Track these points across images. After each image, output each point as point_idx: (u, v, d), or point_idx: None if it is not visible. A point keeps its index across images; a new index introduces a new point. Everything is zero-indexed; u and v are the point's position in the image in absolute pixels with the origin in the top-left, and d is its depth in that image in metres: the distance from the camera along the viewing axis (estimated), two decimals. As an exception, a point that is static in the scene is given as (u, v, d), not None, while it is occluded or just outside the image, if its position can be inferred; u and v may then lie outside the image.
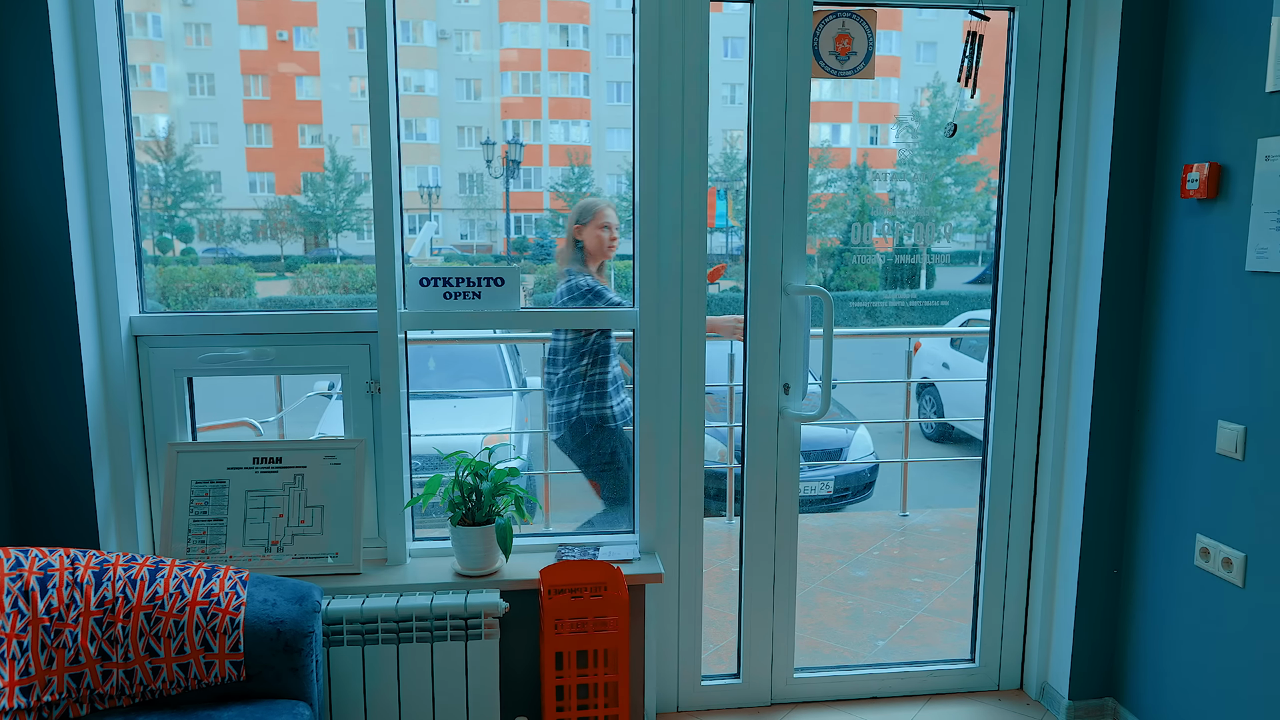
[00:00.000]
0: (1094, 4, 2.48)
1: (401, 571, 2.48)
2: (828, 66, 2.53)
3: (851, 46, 2.53)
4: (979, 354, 6.72)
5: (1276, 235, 2.05)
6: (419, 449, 3.24)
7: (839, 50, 2.52)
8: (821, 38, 2.51)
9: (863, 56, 2.54)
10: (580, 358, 3.01)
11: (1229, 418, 2.21)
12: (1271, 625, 2.09)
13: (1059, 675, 2.71)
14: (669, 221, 2.49)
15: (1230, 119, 2.19)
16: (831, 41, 2.52)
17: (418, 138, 15.20)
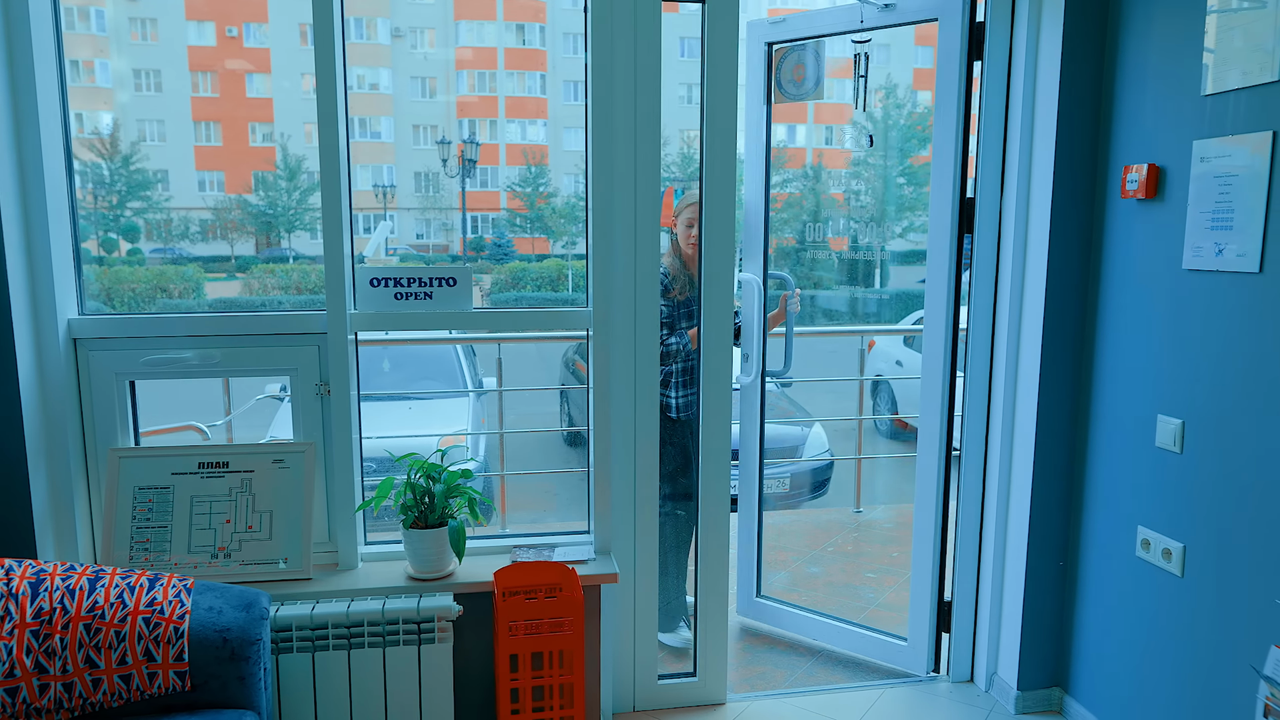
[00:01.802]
0: (1038, 7, 2.53)
1: (353, 576, 2.44)
2: (786, 93, 2.86)
3: (805, 74, 2.88)
4: (932, 352, 6.81)
5: (1211, 235, 2.11)
6: (371, 451, 3.19)
7: (795, 78, 2.84)
8: (783, 70, 2.83)
9: (814, 81, 2.98)
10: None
11: (1168, 412, 2.27)
12: (1208, 613, 2.15)
13: (1008, 666, 2.77)
14: (622, 221, 2.49)
15: (1168, 121, 2.25)
16: (791, 72, 2.88)
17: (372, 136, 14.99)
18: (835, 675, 2.97)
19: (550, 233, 22.22)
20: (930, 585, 2.90)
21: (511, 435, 6.87)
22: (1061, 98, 2.47)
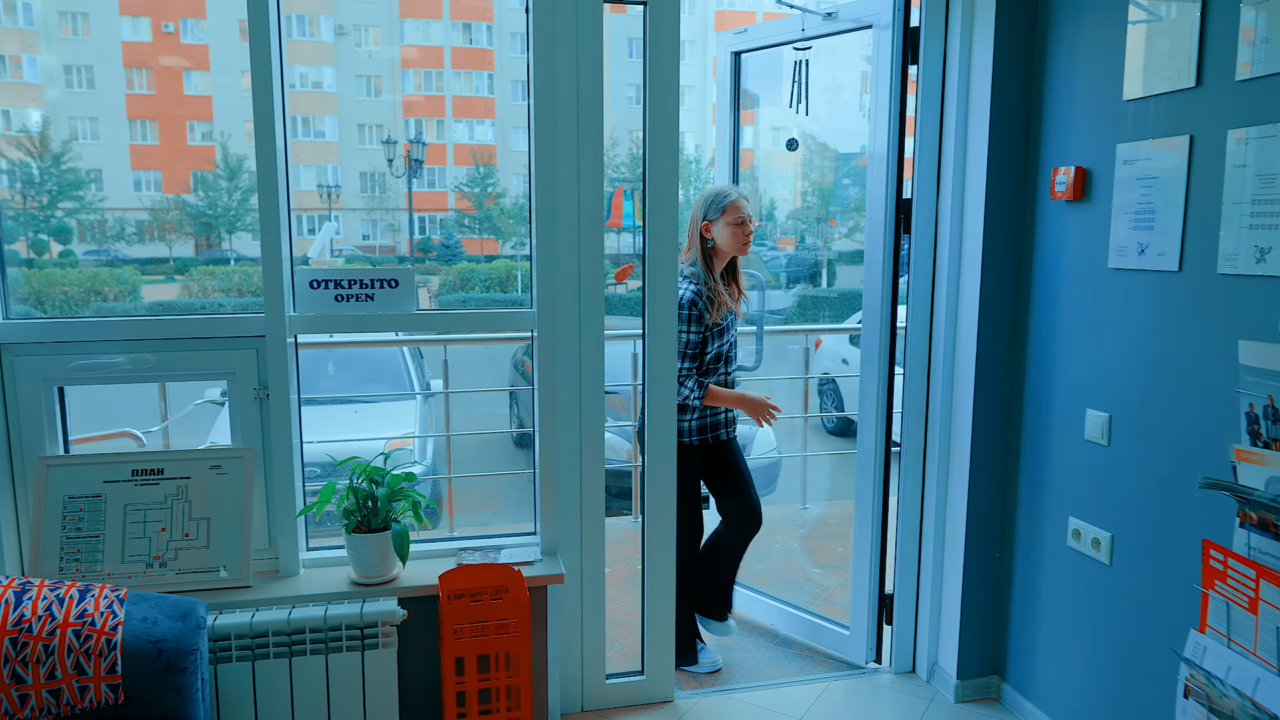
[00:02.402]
0: (970, 14, 2.59)
1: (294, 583, 2.40)
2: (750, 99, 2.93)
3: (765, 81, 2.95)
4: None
5: (1134, 235, 2.19)
6: (315, 456, 3.14)
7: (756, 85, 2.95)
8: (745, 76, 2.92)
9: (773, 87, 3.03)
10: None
11: (1096, 406, 2.35)
12: (1134, 599, 2.23)
13: (947, 656, 2.83)
14: (566, 221, 2.49)
15: (1094, 125, 2.33)
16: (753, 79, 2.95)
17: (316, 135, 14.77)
18: (782, 670, 3.01)
19: (499, 233, 22.06)
20: (871, 578, 2.95)
21: (461, 438, 6.82)
22: (994, 101, 2.54)
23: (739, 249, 2.74)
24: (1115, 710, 2.31)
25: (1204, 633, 1.72)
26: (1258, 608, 1.58)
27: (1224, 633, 1.67)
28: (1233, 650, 1.64)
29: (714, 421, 2.91)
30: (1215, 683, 1.64)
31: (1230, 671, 1.63)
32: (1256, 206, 1.85)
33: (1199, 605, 1.71)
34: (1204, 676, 1.67)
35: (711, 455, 2.94)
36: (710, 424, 2.90)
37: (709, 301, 2.73)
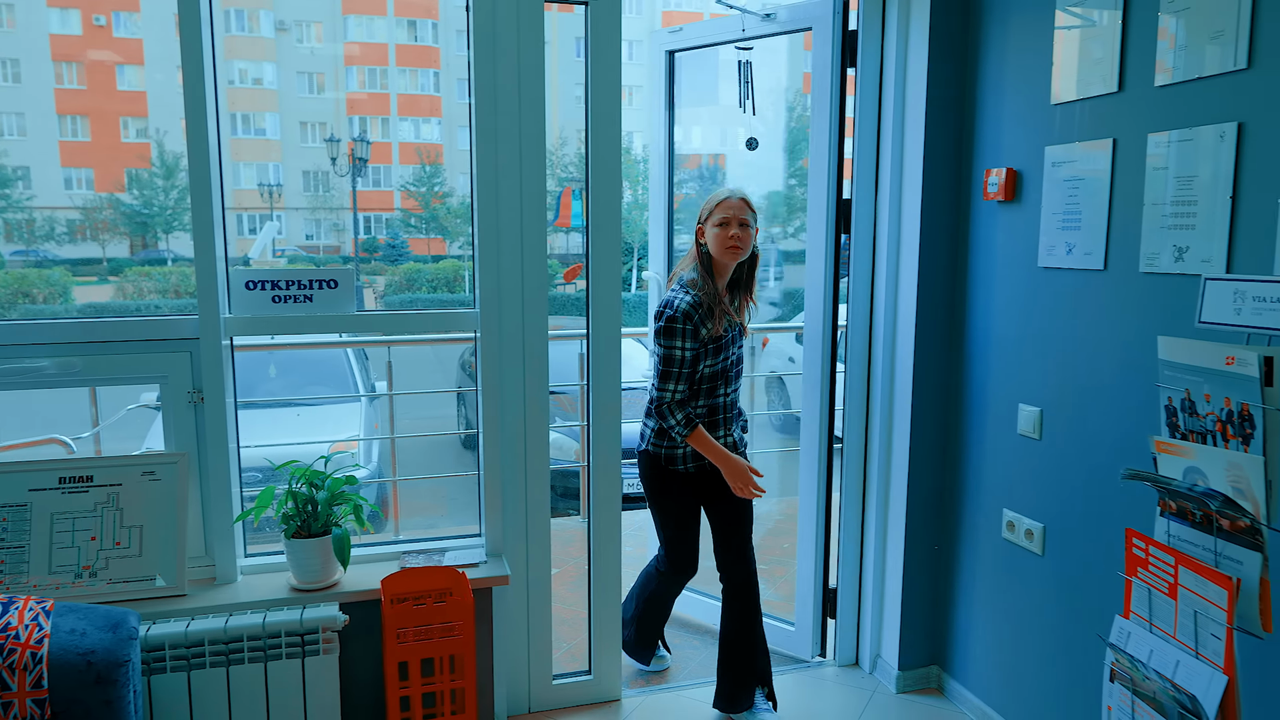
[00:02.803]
0: (905, 19, 2.65)
1: (232, 590, 2.35)
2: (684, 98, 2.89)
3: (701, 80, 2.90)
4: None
5: (1062, 235, 2.26)
6: (255, 461, 3.08)
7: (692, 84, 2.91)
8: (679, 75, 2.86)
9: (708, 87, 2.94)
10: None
11: (1028, 401, 2.41)
12: (1065, 588, 2.30)
13: (889, 648, 2.89)
14: (509, 220, 2.48)
15: (1024, 127, 2.39)
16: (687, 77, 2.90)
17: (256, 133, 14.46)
18: (728, 666, 3.04)
19: (446, 233, 21.80)
20: (815, 573, 3.00)
21: (409, 440, 6.74)
22: (929, 105, 2.60)
23: (721, 253, 2.45)
24: (1049, 696, 2.38)
25: (1128, 618, 1.77)
26: (1177, 593, 1.64)
27: (1146, 618, 1.73)
28: (1154, 635, 1.70)
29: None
30: (1139, 666, 1.70)
31: (1152, 655, 1.68)
32: (1175, 208, 1.93)
33: (1123, 592, 1.78)
34: (1128, 660, 1.73)
35: (712, 482, 2.58)
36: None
37: (707, 312, 2.44)
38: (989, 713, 2.61)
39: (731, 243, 2.43)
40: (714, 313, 2.45)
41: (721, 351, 2.50)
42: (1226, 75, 1.80)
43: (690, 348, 2.42)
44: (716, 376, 2.51)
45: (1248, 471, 1.53)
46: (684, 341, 2.41)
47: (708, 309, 2.45)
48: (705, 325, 2.44)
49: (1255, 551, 1.54)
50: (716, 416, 2.55)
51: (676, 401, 2.45)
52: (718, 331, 2.46)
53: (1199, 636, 1.60)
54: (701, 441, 2.48)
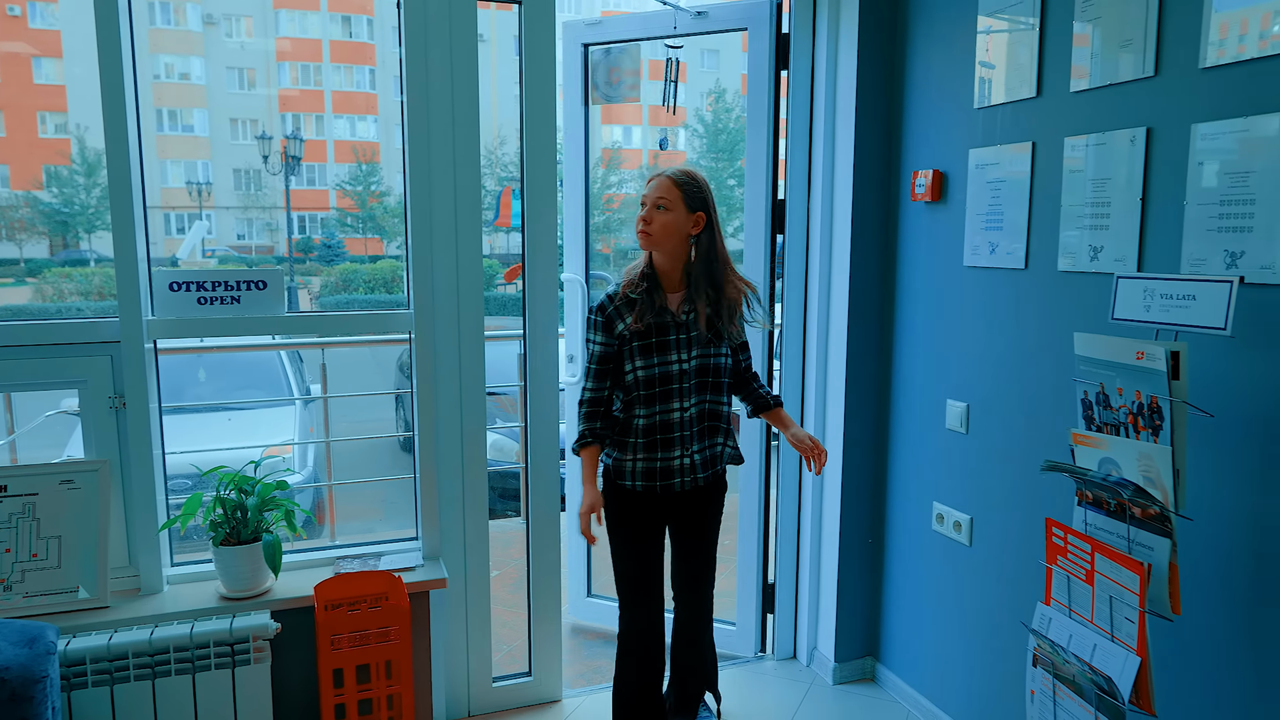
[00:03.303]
0: (835, 23, 2.70)
1: (158, 600, 2.28)
2: (603, 94, 2.80)
3: (622, 76, 2.77)
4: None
5: (986, 235, 2.33)
6: (182, 468, 2.99)
7: (612, 80, 2.78)
8: (597, 71, 2.77)
9: (630, 84, 2.79)
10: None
11: (955, 397, 2.48)
12: (992, 577, 2.38)
13: (826, 641, 2.94)
14: (443, 220, 2.46)
15: (949, 131, 2.46)
16: (606, 74, 2.82)
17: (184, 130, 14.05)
18: (669, 663, 3.06)
19: (384, 233, 21.42)
20: (757, 572, 3.03)
21: (346, 444, 6.61)
22: (859, 107, 2.65)
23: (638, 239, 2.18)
24: (977, 681, 2.46)
25: (1049, 605, 1.84)
26: (1093, 579, 1.71)
27: (1066, 604, 1.79)
28: (1073, 620, 1.77)
29: (667, 466, 2.19)
30: (1059, 650, 1.76)
31: (1071, 639, 1.75)
32: (1091, 209, 2.00)
33: (1045, 580, 1.84)
34: (1049, 645, 1.79)
35: (672, 506, 2.27)
36: (662, 468, 2.20)
37: (624, 304, 2.16)
38: (921, 700, 2.68)
39: (639, 226, 2.15)
40: (634, 305, 2.14)
41: (657, 355, 2.15)
42: (1136, 82, 1.88)
43: (599, 342, 2.17)
44: (655, 383, 2.15)
45: (1157, 461, 1.60)
46: (593, 334, 2.18)
47: (625, 300, 2.16)
48: (621, 319, 2.15)
49: (1164, 538, 1.61)
50: (670, 434, 2.18)
51: (583, 400, 2.21)
52: (636, 326, 2.13)
53: (1114, 620, 1.67)
54: (584, 462, 2.20)
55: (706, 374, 2.20)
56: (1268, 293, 1.63)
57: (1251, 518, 1.69)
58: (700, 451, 2.23)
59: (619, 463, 2.21)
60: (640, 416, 2.17)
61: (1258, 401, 1.66)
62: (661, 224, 2.12)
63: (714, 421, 2.25)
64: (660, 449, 2.18)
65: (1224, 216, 1.70)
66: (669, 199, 2.12)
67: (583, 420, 2.21)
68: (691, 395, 2.18)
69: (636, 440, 2.18)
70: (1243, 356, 1.68)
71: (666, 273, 2.18)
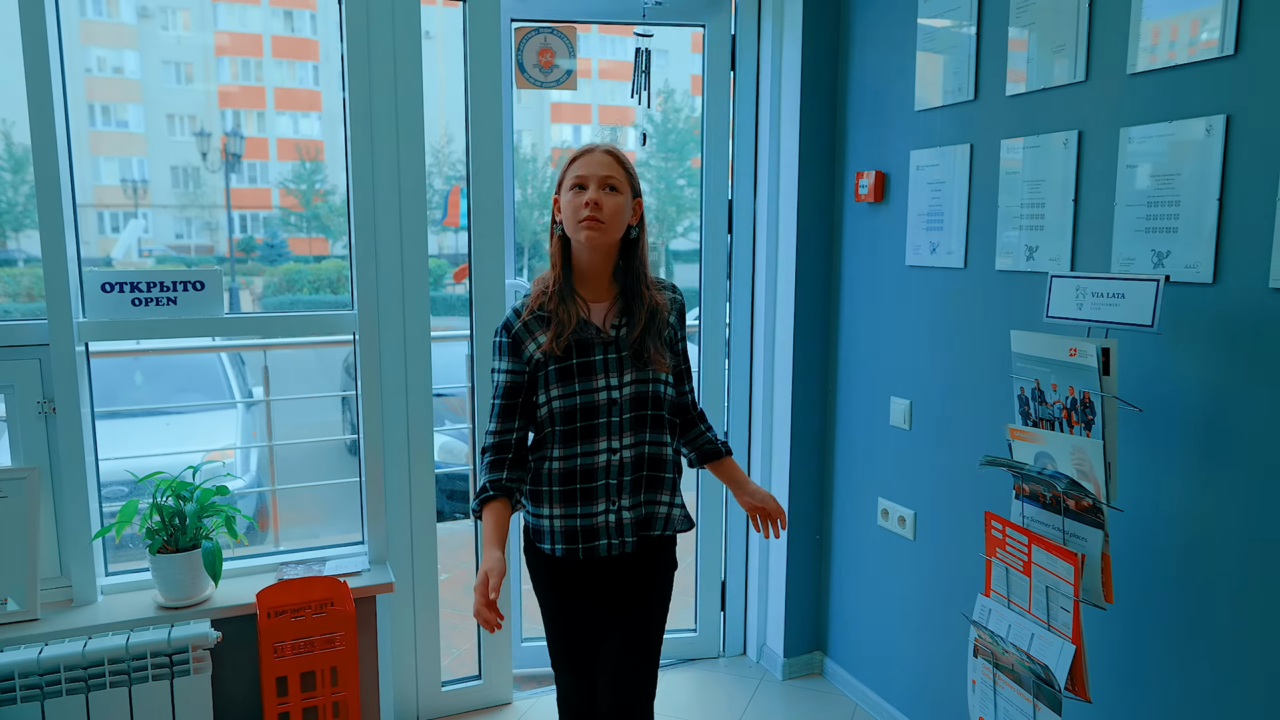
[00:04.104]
0: (780, 25, 2.73)
1: (92, 611, 2.21)
2: (531, 78, 2.64)
3: (554, 60, 2.65)
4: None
5: (927, 235, 2.37)
6: (118, 474, 2.90)
7: (542, 64, 2.63)
8: (525, 51, 2.61)
9: (564, 70, 2.67)
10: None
11: (899, 394, 2.53)
12: (935, 570, 2.43)
13: (774, 636, 2.97)
14: (387, 218, 2.42)
15: (890, 133, 2.50)
16: (535, 55, 2.63)
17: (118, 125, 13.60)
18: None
19: (329, 232, 21.03)
20: (718, 574, 3.04)
21: (290, 448, 6.47)
22: (803, 108, 2.68)
23: (574, 229, 1.66)
24: (920, 673, 2.51)
25: (989, 596, 1.89)
26: (1031, 570, 1.76)
27: (1005, 595, 1.84)
28: (1012, 610, 1.82)
29: (590, 524, 1.70)
30: (999, 641, 1.81)
31: (1010, 630, 1.80)
32: (1026, 209, 2.06)
33: (984, 572, 1.89)
34: (989, 636, 1.84)
35: (601, 578, 1.75)
36: (584, 526, 1.70)
37: (537, 320, 1.69)
38: (867, 693, 2.72)
39: (587, 213, 1.63)
40: (547, 320, 1.68)
41: (579, 380, 1.66)
42: (1069, 86, 1.93)
43: (505, 370, 1.69)
44: (576, 415, 1.66)
45: (1089, 455, 1.65)
46: (498, 360, 1.71)
47: (535, 315, 1.69)
48: (531, 337, 1.68)
49: (1097, 529, 1.66)
50: (593, 482, 1.68)
51: (487, 446, 1.72)
52: (551, 347, 1.65)
53: (1050, 610, 1.72)
54: (485, 522, 1.68)
55: (645, 405, 1.71)
56: (1192, 291, 1.69)
57: (1178, 508, 1.75)
58: (633, 508, 1.72)
59: (536, 520, 1.74)
60: (556, 459, 1.68)
61: (1183, 396, 1.72)
62: (613, 209, 1.65)
63: (655, 471, 1.74)
64: (581, 501, 1.69)
65: (1151, 217, 1.76)
66: (617, 179, 1.67)
67: (486, 470, 1.71)
68: (626, 433, 1.69)
69: (551, 489, 1.70)
70: (1169, 352, 1.74)
71: (592, 276, 1.71)
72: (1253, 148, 1.59)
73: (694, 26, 2.79)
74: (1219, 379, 1.66)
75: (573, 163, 1.70)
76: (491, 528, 1.67)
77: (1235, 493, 1.65)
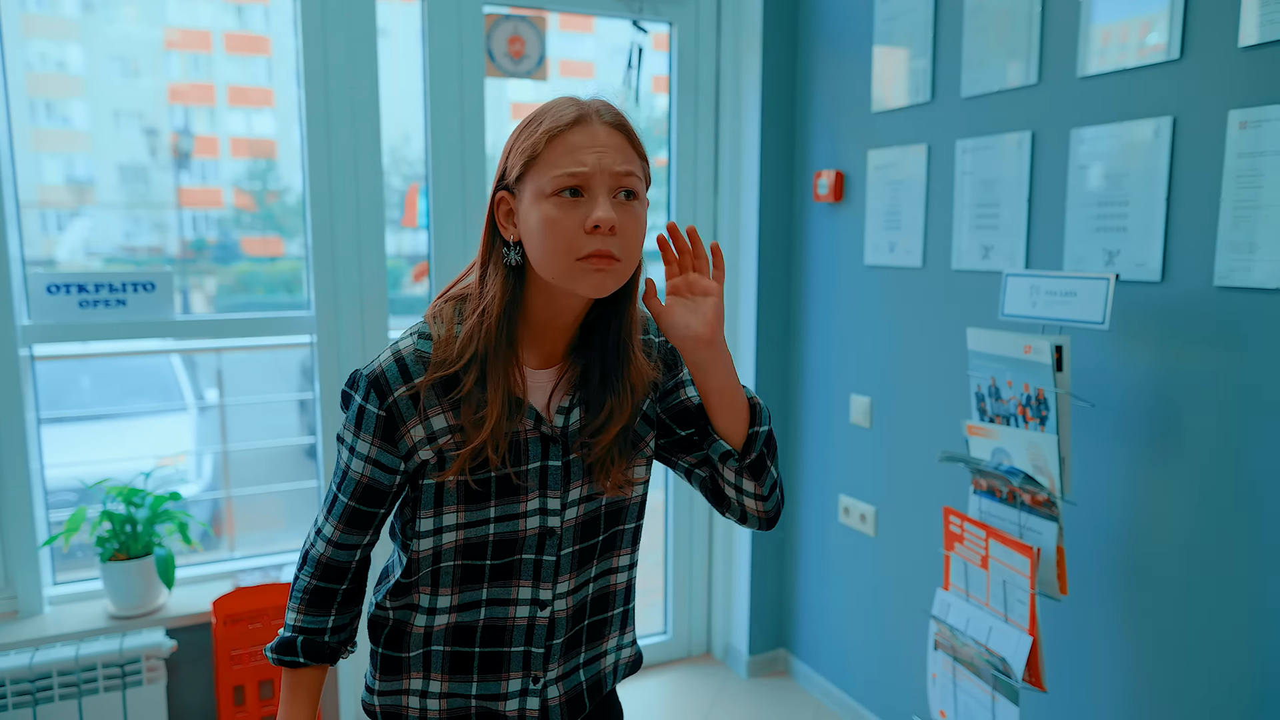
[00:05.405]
0: (739, 26, 2.74)
1: (39, 623, 2.15)
2: (502, 68, 2.58)
3: (525, 50, 2.60)
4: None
5: (886, 234, 2.40)
6: (68, 481, 2.82)
7: (512, 53, 2.58)
8: (494, 39, 2.55)
9: (535, 59, 2.62)
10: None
11: (859, 391, 2.56)
12: (895, 566, 2.46)
13: (739, 635, 2.99)
14: (344, 218, 2.39)
15: (849, 133, 2.53)
16: (505, 43, 2.57)
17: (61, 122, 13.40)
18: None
19: (284, 231, 20.68)
20: (702, 575, 3.05)
21: (247, 453, 6.35)
22: (764, 107, 2.70)
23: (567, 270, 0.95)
24: (882, 668, 2.54)
25: (948, 590, 1.92)
26: (988, 564, 1.79)
27: (964, 589, 1.87)
28: (970, 604, 1.85)
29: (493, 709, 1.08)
30: (957, 634, 1.84)
31: (969, 623, 1.83)
32: (980, 209, 2.09)
33: (944, 566, 1.92)
34: (949, 630, 1.87)
35: None
36: (481, 712, 1.08)
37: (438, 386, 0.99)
38: (830, 689, 2.75)
39: (597, 247, 0.94)
40: (456, 388, 0.99)
41: (497, 500, 1.02)
42: (1022, 89, 1.97)
43: (364, 456, 1.00)
44: (481, 552, 1.03)
45: (1044, 450, 1.69)
46: (353, 433, 1.01)
47: (437, 378, 0.98)
48: (421, 419, 0.99)
49: (1052, 521, 1.70)
50: (501, 647, 1.07)
51: (314, 559, 1.05)
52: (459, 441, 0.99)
53: (1008, 603, 1.75)
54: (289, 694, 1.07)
55: (599, 529, 1.10)
56: (1141, 289, 1.73)
57: (1128, 501, 1.79)
58: (565, 678, 1.12)
59: (389, 702, 1.09)
60: (438, 612, 1.05)
61: (1134, 391, 1.77)
62: (635, 234, 0.98)
63: (601, 612, 1.14)
64: (480, 671, 1.07)
65: (1102, 217, 1.80)
66: (636, 174, 0.99)
67: (303, 605, 1.06)
68: (564, 576, 1.07)
69: (429, 650, 1.06)
70: (1120, 349, 1.79)
71: (547, 331, 1.04)
72: (1197, 149, 1.63)
73: (661, 23, 2.78)
74: (1167, 375, 1.70)
75: (554, 139, 0.95)
76: (297, 706, 1.06)
77: (1181, 485, 1.70)
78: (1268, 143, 1.51)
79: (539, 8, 2.59)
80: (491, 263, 1.01)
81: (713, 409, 1.06)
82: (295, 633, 1.06)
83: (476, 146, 2.52)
